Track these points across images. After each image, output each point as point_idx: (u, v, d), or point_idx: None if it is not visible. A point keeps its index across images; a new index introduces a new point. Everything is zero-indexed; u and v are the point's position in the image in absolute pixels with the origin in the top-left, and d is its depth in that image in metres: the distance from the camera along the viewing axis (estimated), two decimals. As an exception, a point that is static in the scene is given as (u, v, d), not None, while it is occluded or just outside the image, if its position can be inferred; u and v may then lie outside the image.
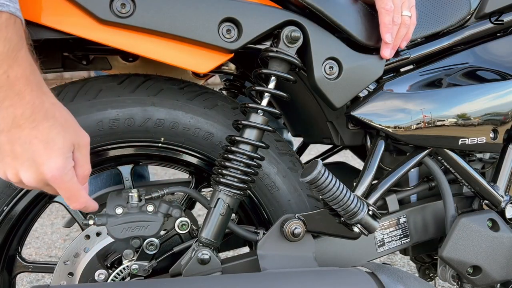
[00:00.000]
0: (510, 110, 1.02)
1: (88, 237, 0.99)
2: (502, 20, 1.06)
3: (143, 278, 0.95)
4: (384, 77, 0.99)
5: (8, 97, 0.64)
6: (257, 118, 0.87)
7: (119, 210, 0.89)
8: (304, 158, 1.44)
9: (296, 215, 0.92)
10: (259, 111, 0.87)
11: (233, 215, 1.06)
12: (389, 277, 0.84)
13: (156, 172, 4.08)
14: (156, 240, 0.95)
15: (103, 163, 0.97)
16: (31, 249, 2.65)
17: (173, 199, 1.05)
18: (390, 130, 0.95)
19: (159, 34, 0.80)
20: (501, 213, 1.06)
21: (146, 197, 0.91)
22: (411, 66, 1.04)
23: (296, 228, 0.90)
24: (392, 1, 0.88)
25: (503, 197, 1.06)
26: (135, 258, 0.96)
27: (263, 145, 0.88)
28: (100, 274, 0.97)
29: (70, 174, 0.72)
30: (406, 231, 1.06)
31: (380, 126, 0.94)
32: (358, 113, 0.94)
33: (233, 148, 0.86)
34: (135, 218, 0.89)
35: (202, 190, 1.12)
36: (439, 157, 1.03)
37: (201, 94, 0.95)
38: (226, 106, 0.96)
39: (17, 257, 1.01)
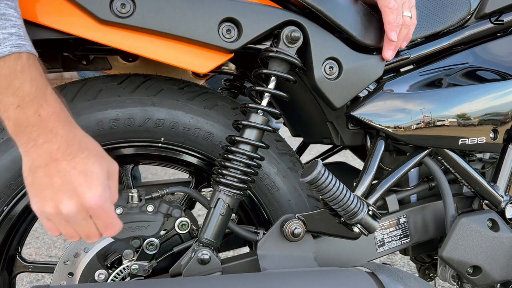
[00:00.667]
0: (510, 110, 1.02)
1: (88, 237, 0.99)
2: (502, 20, 1.06)
3: (143, 278, 0.95)
4: (384, 77, 0.99)
5: (42, 134, 0.67)
6: (257, 118, 0.87)
7: (119, 210, 0.89)
8: (304, 158, 1.43)
9: (296, 215, 0.92)
10: (259, 111, 0.87)
11: (233, 215, 1.06)
12: (389, 277, 0.84)
13: (156, 172, 4.08)
14: (156, 240, 0.95)
15: (103, 163, 0.97)
16: (31, 249, 2.65)
17: (173, 199, 1.05)
18: (390, 130, 0.95)
19: (159, 34, 0.80)
20: (501, 213, 1.05)
21: (146, 197, 0.91)
22: (411, 66, 1.04)
23: (296, 228, 0.90)
24: (395, 0, 0.89)
25: (503, 197, 1.06)
26: (135, 258, 0.96)
27: (263, 145, 0.88)
28: (100, 274, 0.97)
29: (109, 201, 0.73)
30: (406, 231, 1.06)
31: (380, 126, 0.94)
32: (358, 113, 0.94)
33: (233, 148, 0.86)
34: (135, 218, 0.89)
35: (202, 190, 1.12)
36: (439, 157, 1.03)
37: (201, 94, 0.95)
38: (226, 106, 0.96)
39: (17, 257, 1.01)
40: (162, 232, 0.99)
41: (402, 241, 1.05)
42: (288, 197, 0.97)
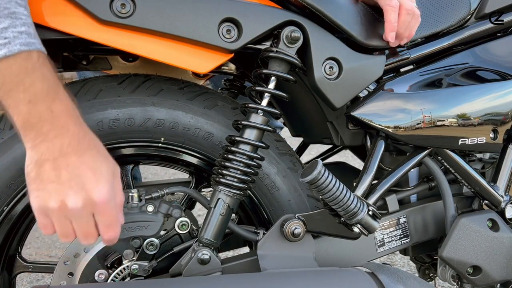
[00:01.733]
0: (510, 110, 1.02)
1: (88, 237, 0.98)
2: (502, 20, 1.06)
3: (143, 278, 0.95)
4: (384, 77, 0.99)
5: (53, 130, 0.67)
6: (257, 118, 0.87)
7: (119, 210, 0.89)
8: (304, 158, 1.44)
9: (296, 215, 0.92)
10: (259, 111, 0.87)
11: (233, 215, 1.06)
12: (389, 277, 0.84)
13: (156, 172, 4.08)
14: (156, 240, 0.94)
15: (103, 163, 0.97)
16: (31, 249, 2.65)
17: (173, 199, 1.05)
18: (390, 130, 0.95)
19: (159, 34, 0.80)
20: (501, 213, 1.05)
21: (146, 197, 0.91)
22: (411, 66, 1.04)
23: (296, 228, 0.90)
24: None
25: (503, 197, 1.06)
26: (135, 258, 0.96)
27: (263, 145, 0.88)
28: (100, 274, 0.97)
29: (113, 200, 0.73)
30: (406, 231, 1.06)
31: (380, 126, 0.94)
32: (358, 113, 0.94)
33: (233, 148, 0.86)
34: (135, 218, 0.89)
35: (202, 190, 1.12)
36: (439, 157, 1.03)
37: (201, 94, 0.95)
38: (226, 106, 0.96)
39: (17, 257, 1.01)
40: (162, 232, 0.99)
41: (402, 241, 1.05)
42: (288, 197, 0.97)
